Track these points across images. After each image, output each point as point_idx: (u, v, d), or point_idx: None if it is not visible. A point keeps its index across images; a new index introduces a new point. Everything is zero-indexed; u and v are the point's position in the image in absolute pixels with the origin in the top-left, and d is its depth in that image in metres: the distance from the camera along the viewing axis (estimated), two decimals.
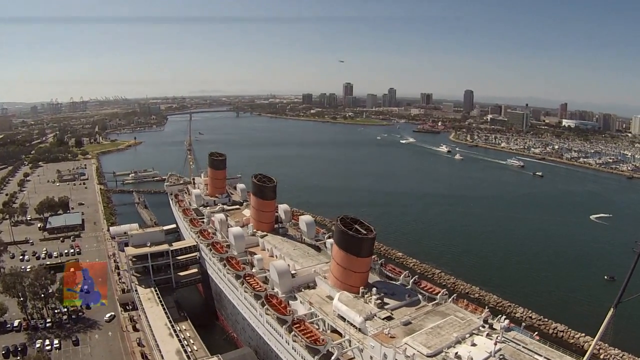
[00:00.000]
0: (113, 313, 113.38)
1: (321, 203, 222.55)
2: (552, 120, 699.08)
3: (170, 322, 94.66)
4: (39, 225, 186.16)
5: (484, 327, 69.77)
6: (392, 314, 73.24)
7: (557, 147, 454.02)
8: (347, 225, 78.89)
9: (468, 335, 66.67)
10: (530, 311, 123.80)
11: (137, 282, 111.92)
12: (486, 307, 79.85)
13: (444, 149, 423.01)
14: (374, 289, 77.44)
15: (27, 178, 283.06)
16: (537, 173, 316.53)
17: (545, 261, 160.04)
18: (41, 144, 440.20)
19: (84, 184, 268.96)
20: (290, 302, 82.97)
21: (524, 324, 79.97)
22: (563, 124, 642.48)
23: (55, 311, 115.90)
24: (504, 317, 72.20)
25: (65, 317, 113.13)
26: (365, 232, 78.13)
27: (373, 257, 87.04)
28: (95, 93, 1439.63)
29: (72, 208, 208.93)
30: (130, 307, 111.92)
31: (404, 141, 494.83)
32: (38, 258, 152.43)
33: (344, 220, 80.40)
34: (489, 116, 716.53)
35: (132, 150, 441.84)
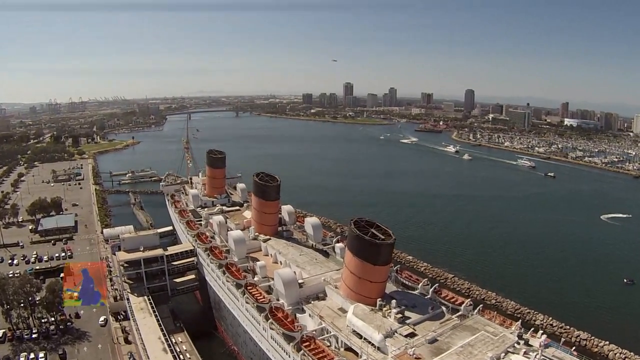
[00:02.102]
0: (106, 317, 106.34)
1: (327, 204, 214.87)
2: (553, 120, 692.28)
3: (164, 335, 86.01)
4: (30, 227, 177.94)
5: (519, 343, 61.67)
6: (415, 330, 64.68)
7: (560, 146, 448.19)
8: (362, 229, 70.00)
9: (503, 354, 58.38)
10: (550, 318, 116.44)
11: (129, 290, 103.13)
12: (519, 320, 71.62)
13: (451, 149, 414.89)
14: (394, 301, 68.83)
15: (22, 178, 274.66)
16: (549, 174, 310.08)
17: (560, 263, 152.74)
18: (38, 144, 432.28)
19: (79, 184, 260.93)
20: (298, 315, 73.92)
21: (563, 339, 72.18)
22: (565, 123, 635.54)
23: (42, 320, 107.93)
24: (541, 331, 64.47)
25: (52, 327, 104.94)
26: (383, 237, 69.39)
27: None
28: (94, 94, 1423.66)
29: (66, 209, 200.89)
30: (122, 317, 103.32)
31: (406, 140, 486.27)
32: (28, 262, 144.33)
33: (358, 224, 71.38)
34: (491, 115, 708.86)
35: (130, 150, 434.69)
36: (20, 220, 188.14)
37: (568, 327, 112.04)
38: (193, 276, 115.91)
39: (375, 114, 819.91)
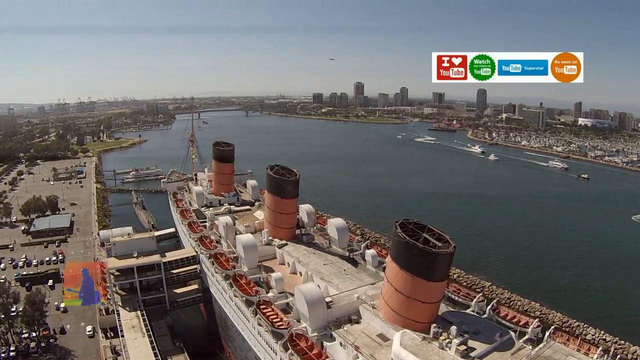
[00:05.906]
0: (94, 327, 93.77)
1: (346, 204, 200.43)
2: (567, 119, 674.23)
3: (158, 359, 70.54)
4: (23, 227, 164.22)
5: None
6: None
7: (578, 145, 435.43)
8: (412, 234, 53.73)
9: None
10: (602, 332, 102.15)
11: (120, 303, 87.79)
12: (600, 347, 55.65)
13: (477, 149, 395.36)
14: (453, 328, 52.25)
15: (21, 177, 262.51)
16: (583, 175, 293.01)
17: (606, 271, 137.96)
18: (42, 142, 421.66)
19: (79, 182, 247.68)
20: (325, 343, 57.65)
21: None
22: (579, 123, 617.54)
23: (23, 336, 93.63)
24: None
25: (33, 344, 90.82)
26: (440, 244, 53.10)
27: None
28: (103, 94, 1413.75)
29: (63, 208, 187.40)
30: (112, 334, 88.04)
31: (421, 139, 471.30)
32: (16, 267, 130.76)
33: (405, 227, 55.07)
34: (504, 115, 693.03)
35: (136, 148, 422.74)
36: (13, 220, 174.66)
37: (623, 342, 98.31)
38: (196, 286, 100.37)
39: (387, 114, 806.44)
